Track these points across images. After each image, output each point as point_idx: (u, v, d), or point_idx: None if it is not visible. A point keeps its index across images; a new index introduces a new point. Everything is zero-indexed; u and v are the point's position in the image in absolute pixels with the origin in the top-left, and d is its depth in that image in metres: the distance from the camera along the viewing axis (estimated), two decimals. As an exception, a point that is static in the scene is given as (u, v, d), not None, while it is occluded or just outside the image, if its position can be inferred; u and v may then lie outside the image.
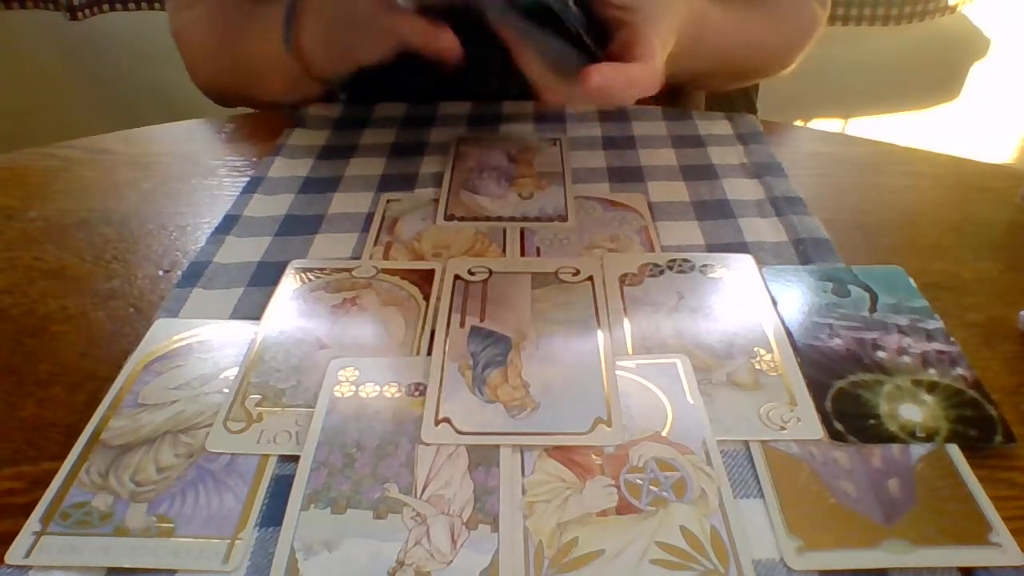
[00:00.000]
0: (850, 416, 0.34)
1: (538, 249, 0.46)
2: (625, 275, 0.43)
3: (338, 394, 0.35)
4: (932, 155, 0.58)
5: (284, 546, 0.29)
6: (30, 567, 0.29)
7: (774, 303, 0.41)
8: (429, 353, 0.38)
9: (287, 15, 0.56)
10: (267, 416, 0.35)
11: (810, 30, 0.66)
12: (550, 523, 0.29)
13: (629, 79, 0.41)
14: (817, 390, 0.35)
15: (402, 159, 0.57)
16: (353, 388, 0.36)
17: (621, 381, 0.36)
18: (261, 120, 0.64)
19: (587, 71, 0.40)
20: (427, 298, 0.42)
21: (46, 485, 0.31)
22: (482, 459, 0.32)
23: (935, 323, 0.39)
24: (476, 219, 0.49)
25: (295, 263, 0.45)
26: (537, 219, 0.49)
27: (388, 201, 0.52)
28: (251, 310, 0.41)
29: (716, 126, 0.62)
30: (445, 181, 0.53)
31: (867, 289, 0.42)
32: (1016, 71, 1.50)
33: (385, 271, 0.44)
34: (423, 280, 0.43)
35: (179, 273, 0.45)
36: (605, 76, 0.40)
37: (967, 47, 1.50)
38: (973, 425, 0.33)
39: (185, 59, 0.66)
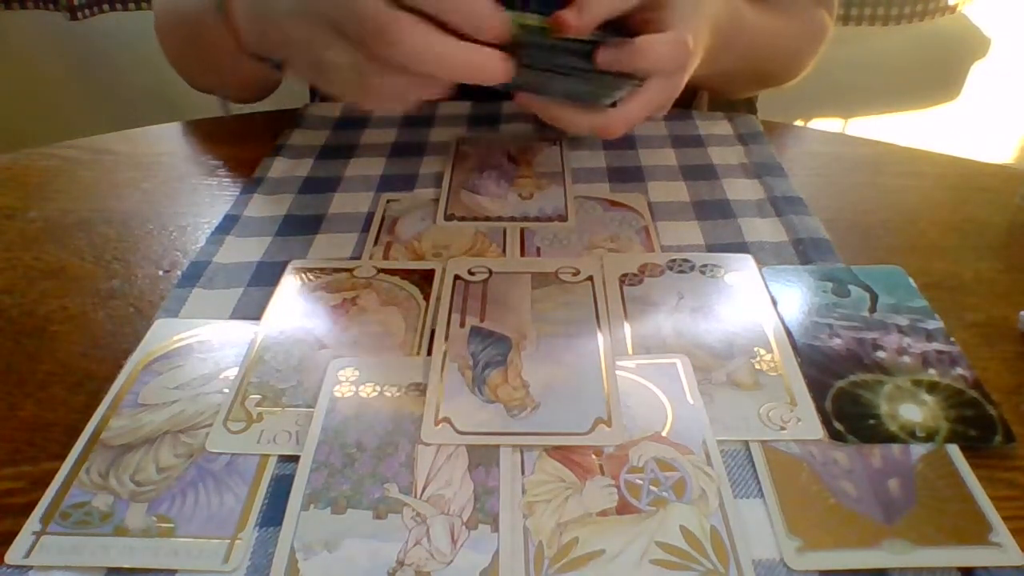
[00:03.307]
0: (850, 416, 0.34)
1: (538, 249, 0.46)
2: (625, 275, 0.43)
3: (338, 394, 0.35)
4: (932, 155, 0.58)
5: (284, 546, 0.29)
6: (30, 567, 0.29)
7: (774, 303, 0.41)
8: (429, 353, 0.38)
9: None
10: (267, 416, 0.35)
11: (820, 37, 0.67)
12: (550, 523, 0.29)
13: (637, 49, 0.38)
14: (817, 390, 0.35)
15: (402, 159, 0.57)
16: (353, 388, 0.36)
17: (621, 381, 0.36)
18: (261, 120, 0.64)
19: (598, 50, 0.38)
20: (427, 298, 0.42)
21: (46, 485, 0.31)
22: (482, 459, 0.32)
23: (935, 323, 0.39)
24: (476, 219, 0.49)
25: (295, 263, 0.45)
26: (537, 219, 0.49)
27: (388, 201, 0.52)
28: (251, 310, 0.41)
29: (716, 126, 0.62)
30: (445, 181, 0.53)
31: (867, 289, 0.42)
32: (1016, 71, 1.50)
33: (385, 271, 0.44)
34: (423, 280, 0.43)
35: (179, 273, 0.45)
36: (613, 52, 0.38)
37: (967, 47, 1.50)
38: (973, 425, 0.33)
39: (162, 50, 0.62)
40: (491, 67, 0.36)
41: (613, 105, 0.42)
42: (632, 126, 0.43)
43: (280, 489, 0.31)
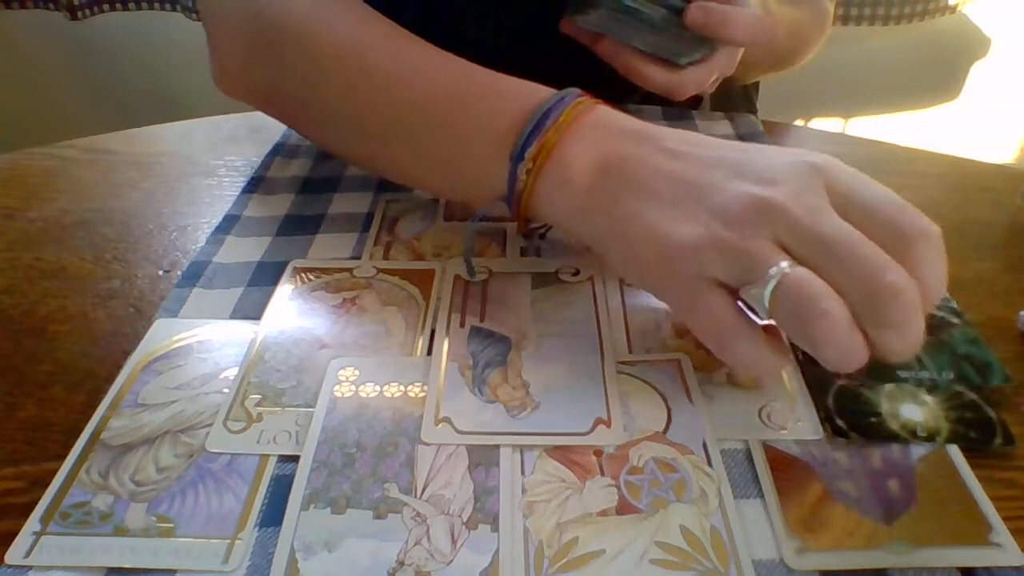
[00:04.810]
0: (852, 413, 0.34)
1: (538, 249, 0.46)
2: (625, 275, 0.43)
3: (338, 394, 0.35)
4: (932, 155, 0.58)
5: (284, 546, 0.29)
6: (30, 567, 0.29)
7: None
8: (429, 353, 0.38)
9: (532, 126, 0.37)
10: (267, 416, 0.35)
11: (825, 25, 0.67)
12: (550, 523, 0.29)
13: (725, 17, 0.40)
14: (819, 387, 0.35)
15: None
16: (353, 388, 0.36)
17: (621, 381, 0.36)
18: (261, 120, 0.64)
19: (690, 8, 0.40)
20: (427, 298, 0.42)
21: (46, 485, 0.31)
22: (482, 459, 0.32)
23: (935, 323, 0.39)
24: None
25: (295, 263, 0.45)
26: (537, 219, 0.49)
27: (388, 201, 0.52)
28: (251, 310, 0.41)
29: (716, 126, 0.62)
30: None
31: (867, 289, 0.42)
32: (1016, 71, 1.50)
33: (385, 271, 0.44)
34: (423, 280, 0.43)
35: (179, 273, 0.45)
36: (703, 14, 0.40)
37: (967, 47, 1.50)
38: (973, 427, 0.33)
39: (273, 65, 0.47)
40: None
41: (684, 67, 0.44)
42: (698, 91, 0.44)
43: (280, 489, 0.31)
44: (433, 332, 0.39)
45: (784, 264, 0.29)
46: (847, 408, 0.34)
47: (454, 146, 0.41)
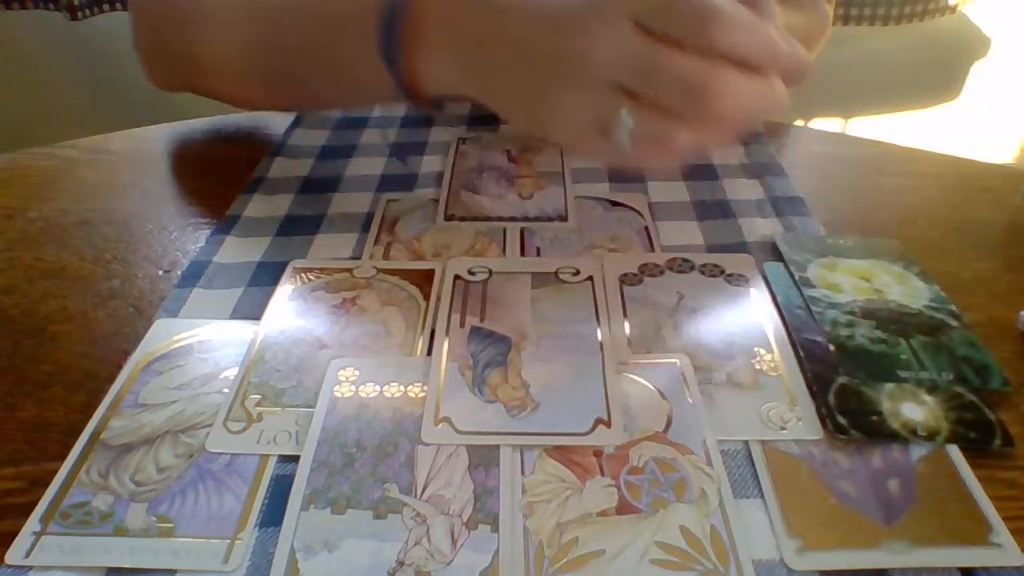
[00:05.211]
0: (852, 411, 0.34)
1: (538, 249, 0.46)
2: (625, 275, 0.43)
3: (338, 394, 0.35)
4: (932, 155, 0.58)
5: (284, 546, 0.29)
6: (30, 567, 0.29)
7: (775, 302, 0.41)
8: (429, 353, 0.38)
9: (386, 20, 0.41)
10: (267, 416, 0.35)
11: (826, 29, 0.67)
12: (550, 523, 0.29)
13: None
14: (820, 384, 0.35)
15: (402, 159, 0.57)
16: (353, 388, 0.36)
17: (621, 381, 0.36)
18: (261, 120, 0.64)
19: None
20: (427, 298, 0.42)
21: (46, 485, 0.31)
22: (482, 459, 0.32)
23: (935, 323, 0.39)
24: (476, 219, 0.49)
25: (295, 263, 0.45)
26: (537, 219, 0.49)
27: (388, 201, 0.52)
28: (251, 310, 0.41)
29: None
30: (445, 181, 0.53)
31: (867, 289, 0.42)
32: (1016, 71, 1.50)
33: (385, 271, 0.44)
34: (423, 280, 0.43)
35: (179, 273, 0.45)
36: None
37: (967, 47, 1.50)
38: (972, 428, 0.33)
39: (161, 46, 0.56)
40: (784, 97, 0.34)
41: None
42: None
43: (280, 489, 0.31)
44: (433, 332, 0.39)
45: (623, 112, 0.33)
46: (848, 405, 0.34)
47: (345, 61, 0.45)
